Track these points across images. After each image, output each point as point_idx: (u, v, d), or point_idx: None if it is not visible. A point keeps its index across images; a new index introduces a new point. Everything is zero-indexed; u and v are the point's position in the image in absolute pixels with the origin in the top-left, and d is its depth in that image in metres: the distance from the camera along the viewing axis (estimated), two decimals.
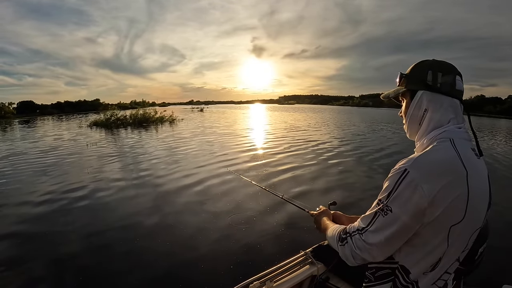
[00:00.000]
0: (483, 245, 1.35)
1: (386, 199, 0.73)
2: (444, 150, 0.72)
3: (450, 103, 0.79)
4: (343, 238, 0.82)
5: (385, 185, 0.75)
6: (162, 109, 26.39)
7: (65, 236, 3.32)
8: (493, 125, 25.62)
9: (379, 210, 0.75)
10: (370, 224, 0.76)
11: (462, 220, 0.70)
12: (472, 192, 0.70)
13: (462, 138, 0.76)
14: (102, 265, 2.72)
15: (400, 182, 0.70)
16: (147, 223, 3.61)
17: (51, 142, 11.46)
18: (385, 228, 0.73)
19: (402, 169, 0.71)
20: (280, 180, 5.43)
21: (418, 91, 0.82)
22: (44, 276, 2.57)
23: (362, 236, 0.77)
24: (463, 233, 0.73)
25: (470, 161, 0.72)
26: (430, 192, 0.67)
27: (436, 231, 0.71)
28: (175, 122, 21.25)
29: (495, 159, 7.98)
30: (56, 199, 4.56)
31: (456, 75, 0.80)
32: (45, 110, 55.00)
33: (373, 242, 0.75)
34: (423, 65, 0.82)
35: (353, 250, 0.78)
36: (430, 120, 0.80)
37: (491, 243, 1.38)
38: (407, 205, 0.69)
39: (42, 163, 7.33)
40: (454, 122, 0.78)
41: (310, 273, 1.29)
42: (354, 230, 0.81)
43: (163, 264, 2.71)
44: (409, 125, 0.86)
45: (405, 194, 0.69)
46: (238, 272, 2.53)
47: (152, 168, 6.52)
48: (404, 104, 0.88)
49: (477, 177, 0.72)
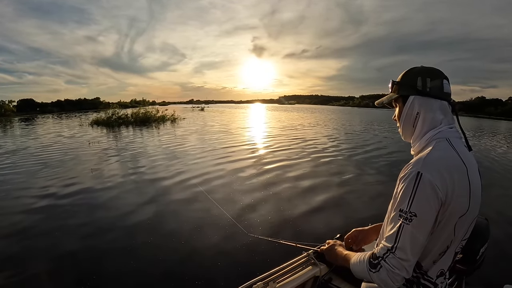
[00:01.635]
0: (484, 245, 1.38)
1: (407, 206, 0.74)
2: (445, 150, 0.79)
3: (440, 105, 0.85)
4: (375, 264, 0.79)
5: (400, 194, 0.77)
6: (164, 108, 26.39)
7: (64, 233, 3.34)
8: (491, 126, 25.59)
9: (403, 221, 0.75)
10: (397, 239, 0.75)
11: (467, 211, 0.77)
12: (473, 185, 0.77)
13: (455, 137, 0.83)
14: (100, 262, 2.74)
15: (417, 186, 0.74)
16: (146, 222, 3.62)
17: (52, 140, 11.45)
18: (415, 235, 0.74)
19: (414, 172, 0.75)
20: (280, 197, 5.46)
21: (410, 96, 0.88)
22: (42, 272, 2.59)
23: (396, 255, 0.75)
24: (466, 222, 0.80)
25: (466, 157, 0.79)
26: (443, 189, 0.73)
27: (447, 224, 0.78)
28: (177, 121, 21.26)
29: (493, 160, 7.99)
30: (56, 197, 4.58)
31: (443, 79, 0.86)
32: (45, 108, 54.94)
33: (408, 254, 0.74)
34: (412, 72, 0.89)
35: (390, 272, 0.75)
36: (423, 122, 0.86)
37: (493, 244, 1.41)
38: (429, 205, 0.73)
39: (42, 161, 7.35)
40: (446, 123, 0.85)
41: (313, 274, 1.29)
42: (384, 252, 0.78)
43: (163, 263, 2.72)
44: (403, 128, 0.92)
45: (425, 195, 0.73)
46: (240, 273, 2.55)
47: (155, 168, 6.52)
48: (397, 109, 0.94)
49: (474, 171, 0.79)
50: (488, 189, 5.08)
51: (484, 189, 0.84)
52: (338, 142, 10.86)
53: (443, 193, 0.73)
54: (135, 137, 12.41)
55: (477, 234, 1.39)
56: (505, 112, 57.79)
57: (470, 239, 1.43)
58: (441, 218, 0.76)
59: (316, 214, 3.84)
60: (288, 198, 4.48)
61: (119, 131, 14.81)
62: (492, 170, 6.90)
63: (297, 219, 3.69)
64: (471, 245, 1.33)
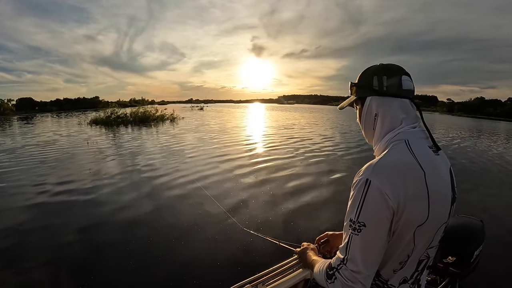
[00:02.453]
0: (478, 248, 1.36)
1: (356, 216, 0.71)
2: (400, 153, 0.73)
3: (400, 104, 0.80)
4: (331, 275, 0.76)
5: (350, 202, 0.73)
6: (163, 107, 26.34)
7: (61, 230, 3.35)
8: (490, 126, 25.66)
9: (351, 232, 0.71)
10: (347, 249, 0.72)
11: (426, 220, 0.71)
12: (432, 192, 0.70)
13: (418, 137, 0.77)
14: (98, 261, 2.74)
15: (366, 194, 0.69)
16: (145, 220, 3.62)
17: (51, 139, 11.43)
18: (365, 246, 0.70)
19: (363, 180, 0.71)
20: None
21: (367, 98, 0.84)
22: (40, 271, 2.59)
23: (348, 267, 0.72)
24: (428, 231, 0.74)
25: (427, 161, 0.72)
26: (394, 197, 0.67)
27: (404, 233, 0.72)
28: (176, 120, 21.23)
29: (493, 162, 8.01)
30: (55, 196, 4.57)
31: (403, 75, 0.81)
32: (44, 107, 54.84)
33: (359, 266, 0.70)
34: (368, 72, 0.85)
35: (344, 284, 0.72)
36: (382, 124, 0.81)
37: (488, 247, 1.39)
38: (379, 215, 0.69)
39: (40, 161, 7.33)
40: (408, 122, 0.79)
41: (303, 277, 1.27)
42: (338, 263, 0.75)
43: (158, 262, 2.72)
44: (364, 130, 0.88)
45: (374, 204, 0.68)
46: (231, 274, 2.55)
47: (152, 166, 6.52)
48: (358, 111, 0.90)
49: (436, 175, 0.73)
50: (482, 190, 5.10)
51: (476, 190, 0.81)
52: (334, 141, 10.88)
53: (394, 202, 0.67)
54: (134, 136, 12.38)
55: (471, 236, 1.39)
56: (504, 112, 57.89)
57: (464, 241, 1.42)
58: (395, 228, 0.71)
59: (304, 213, 3.93)
60: (279, 195, 4.59)
61: (118, 131, 14.79)
62: (487, 170, 6.91)
63: (286, 216, 3.79)
64: (465, 248, 1.32)
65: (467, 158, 8.33)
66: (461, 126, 24.36)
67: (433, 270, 1.36)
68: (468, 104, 72.42)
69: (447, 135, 15.05)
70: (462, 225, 1.44)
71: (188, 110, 43.90)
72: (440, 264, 1.32)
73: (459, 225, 1.44)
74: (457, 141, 12.72)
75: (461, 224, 1.45)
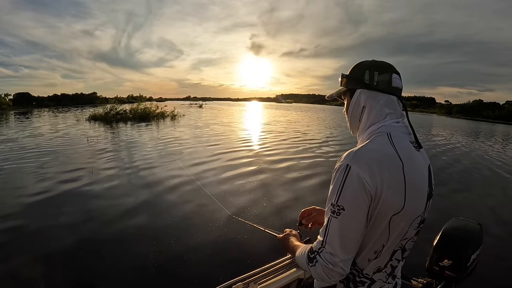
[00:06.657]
0: (476, 251, 1.34)
1: (336, 199, 0.73)
2: (381, 143, 0.76)
3: (387, 100, 0.83)
4: (312, 258, 0.78)
5: (331, 187, 0.76)
6: (163, 104, 26.21)
7: (58, 226, 3.34)
8: (489, 129, 25.75)
9: (331, 215, 0.74)
10: (326, 232, 0.75)
11: (402, 209, 0.73)
12: (409, 182, 0.73)
13: (400, 132, 0.80)
14: (93, 260, 2.72)
15: (346, 178, 0.72)
16: (143, 220, 3.61)
17: (50, 136, 11.37)
18: (343, 229, 0.73)
19: (343, 165, 0.73)
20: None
21: (357, 90, 0.86)
22: (34, 267, 2.57)
23: (326, 249, 0.74)
24: (403, 221, 0.76)
25: (406, 154, 0.75)
26: (372, 183, 0.70)
27: (379, 221, 0.74)
28: (177, 118, 21.11)
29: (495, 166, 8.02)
30: (55, 195, 4.55)
31: (393, 73, 0.84)
32: (41, 102, 54.45)
33: (337, 249, 0.73)
34: (361, 66, 0.87)
35: (325, 267, 0.74)
36: (368, 116, 0.84)
37: (485, 251, 1.37)
38: (357, 199, 0.71)
39: (40, 160, 7.27)
40: (393, 117, 0.82)
41: (297, 276, 1.26)
42: (319, 246, 0.77)
43: (150, 259, 2.71)
44: (350, 121, 0.91)
45: (352, 188, 0.71)
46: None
47: (151, 164, 6.49)
48: (345, 102, 0.93)
49: (414, 168, 0.76)
50: (483, 193, 5.10)
51: (475, 192, 0.80)
52: (331, 138, 10.90)
53: (372, 187, 0.70)
54: (134, 134, 12.33)
55: (469, 240, 1.36)
56: (502, 115, 58.15)
57: (461, 244, 1.40)
58: (372, 214, 0.73)
59: (294, 204, 4.20)
60: (270, 186, 4.96)
61: (117, 127, 14.71)
62: (497, 178, 6.92)
63: (275, 205, 4.12)
64: (462, 251, 1.30)
65: (467, 159, 8.38)
66: (462, 127, 24.45)
67: (429, 273, 1.34)
68: (467, 106, 72.59)
69: (447, 138, 15.11)
70: (459, 228, 1.42)
71: (187, 107, 43.87)
72: (436, 267, 1.30)
73: (457, 227, 1.42)
74: (458, 141, 12.78)
75: (459, 227, 1.43)
